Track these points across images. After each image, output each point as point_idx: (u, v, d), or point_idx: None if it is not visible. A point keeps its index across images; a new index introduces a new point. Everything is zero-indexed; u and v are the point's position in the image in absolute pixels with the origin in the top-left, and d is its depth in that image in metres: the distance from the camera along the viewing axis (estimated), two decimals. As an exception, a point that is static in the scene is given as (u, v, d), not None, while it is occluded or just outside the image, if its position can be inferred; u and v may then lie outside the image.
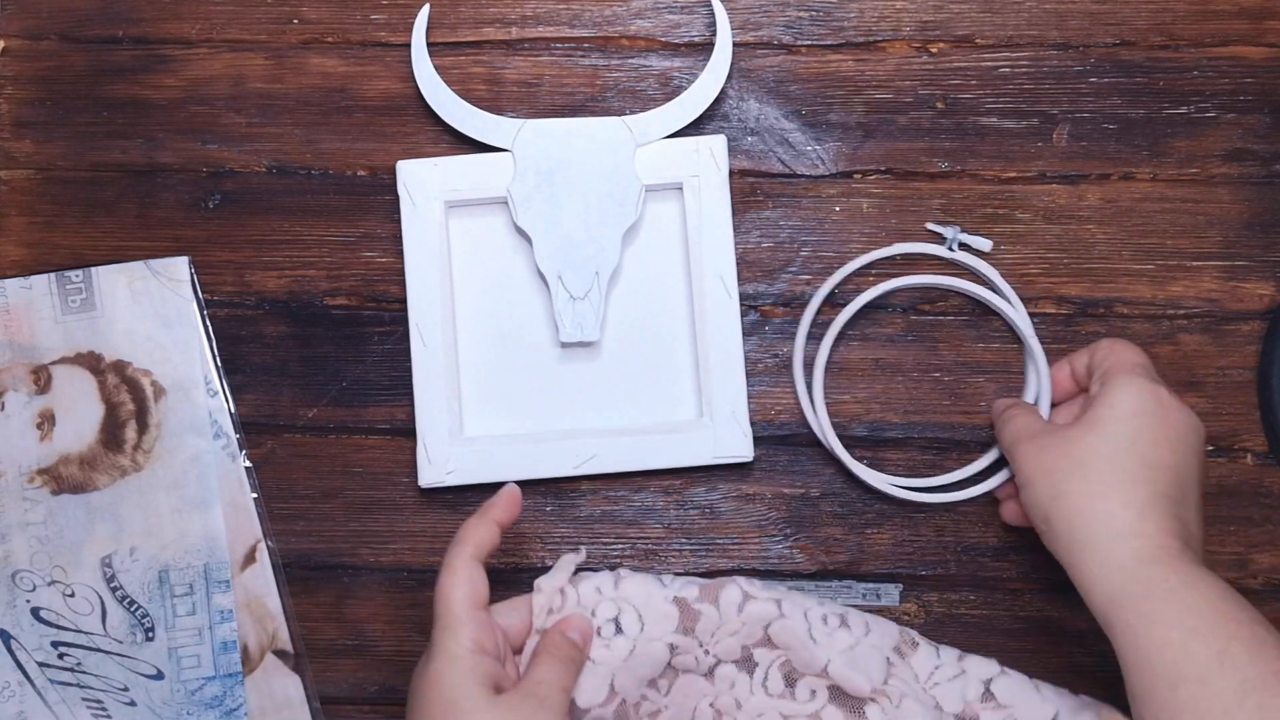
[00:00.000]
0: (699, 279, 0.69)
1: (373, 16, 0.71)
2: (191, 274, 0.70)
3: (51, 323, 0.69)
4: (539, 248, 0.68)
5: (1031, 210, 0.70)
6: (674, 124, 0.69)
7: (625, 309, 0.70)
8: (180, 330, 0.69)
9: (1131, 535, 0.57)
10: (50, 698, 0.68)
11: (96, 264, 0.70)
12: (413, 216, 0.69)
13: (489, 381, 0.69)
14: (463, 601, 0.58)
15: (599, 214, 0.68)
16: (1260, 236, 0.70)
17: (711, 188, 0.69)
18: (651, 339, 0.70)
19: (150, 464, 0.69)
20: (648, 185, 0.69)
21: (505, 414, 0.69)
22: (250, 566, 0.69)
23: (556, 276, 0.68)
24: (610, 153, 0.69)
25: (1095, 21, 0.71)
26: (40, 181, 0.71)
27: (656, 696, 0.64)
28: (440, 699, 0.56)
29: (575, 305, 0.68)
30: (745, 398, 0.68)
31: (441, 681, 0.56)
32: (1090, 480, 0.59)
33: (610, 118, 0.69)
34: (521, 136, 0.69)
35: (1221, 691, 0.53)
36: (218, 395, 0.69)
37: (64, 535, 0.69)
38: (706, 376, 0.68)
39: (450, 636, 0.57)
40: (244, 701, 0.68)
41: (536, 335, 0.70)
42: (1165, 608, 0.55)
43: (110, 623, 0.68)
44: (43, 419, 0.69)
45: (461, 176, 0.69)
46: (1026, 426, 0.64)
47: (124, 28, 0.71)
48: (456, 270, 0.70)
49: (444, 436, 0.68)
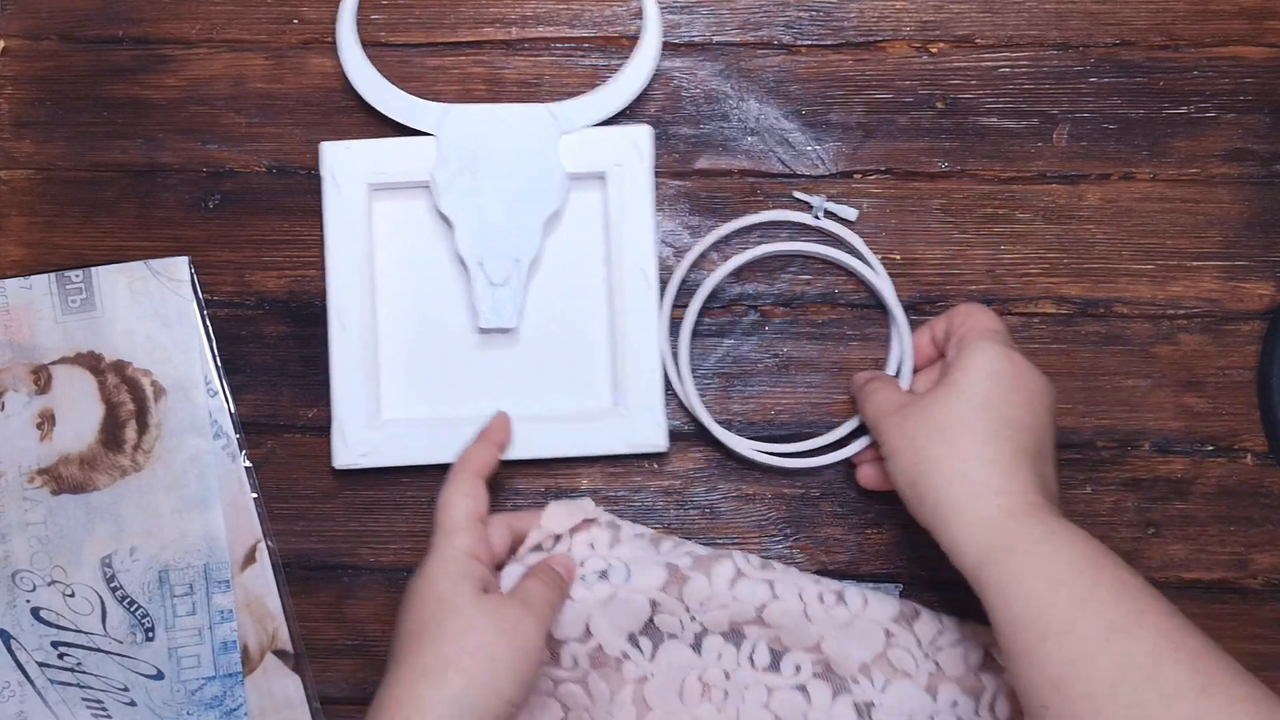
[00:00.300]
0: (619, 269, 0.68)
1: (373, 16, 0.71)
2: (191, 274, 0.70)
3: (51, 323, 0.69)
4: (460, 233, 0.68)
5: (1031, 210, 0.70)
6: (599, 113, 0.69)
7: (545, 297, 0.70)
8: (180, 330, 0.69)
9: (996, 492, 0.58)
10: (50, 698, 0.68)
11: (96, 264, 0.70)
12: (335, 199, 0.69)
13: (408, 365, 0.70)
14: (462, 512, 0.61)
15: (521, 201, 0.68)
16: (1260, 236, 0.70)
17: (634, 178, 0.69)
18: (570, 327, 0.70)
19: (150, 464, 0.69)
20: (571, 173, 0.69)
21: (423, 398, 0.70)
22: (250, 566, 0.69)
23: (477, 262, 0.68)
24: (534, 140, 0.68)
25: (1095, 21, 0.71)
26: (40, 181, 0.71)
27: (641, 660, 0.65)
28: (432, 596, 0.59)
29: (495, 292, 0.68)
30: (661, 388, 0.68)
31: (435, 581, 0.59)
32: (952, 443, 0.59)
33: (535, 104, 0.69)
34: (446, 121, 0.68)
35: (1086, 637, 0.53)
36: (218, 395, 0.69)
37: (64, 535, 0.69)
38: (623, 366, 0.68)
39: (446, 541, 0.60)
40: (244, 701, 0.68)
41: (456, 321, 0.70)
42: (1030, 561, 0.55)
43: (110, 623, 0.68)
44: (43, 419, 0.69)
45: (385, 159, 0.69)
46: (888, 399, 0.64)
47: (124, 28, 0.71)
48: (378, 254, 0.69)
49: (360, 419, 0.68)
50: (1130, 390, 0.70)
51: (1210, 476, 0.70)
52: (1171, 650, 0.52)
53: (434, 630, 0.58)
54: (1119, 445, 0.70)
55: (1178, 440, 0.70)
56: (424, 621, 0.58)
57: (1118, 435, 0.70)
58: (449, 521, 0.61)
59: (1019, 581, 0.55)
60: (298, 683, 0.69)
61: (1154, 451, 0.70)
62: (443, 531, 0.61)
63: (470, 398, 0.69)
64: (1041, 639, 0.54)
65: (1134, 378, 0.70)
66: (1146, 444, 0.70)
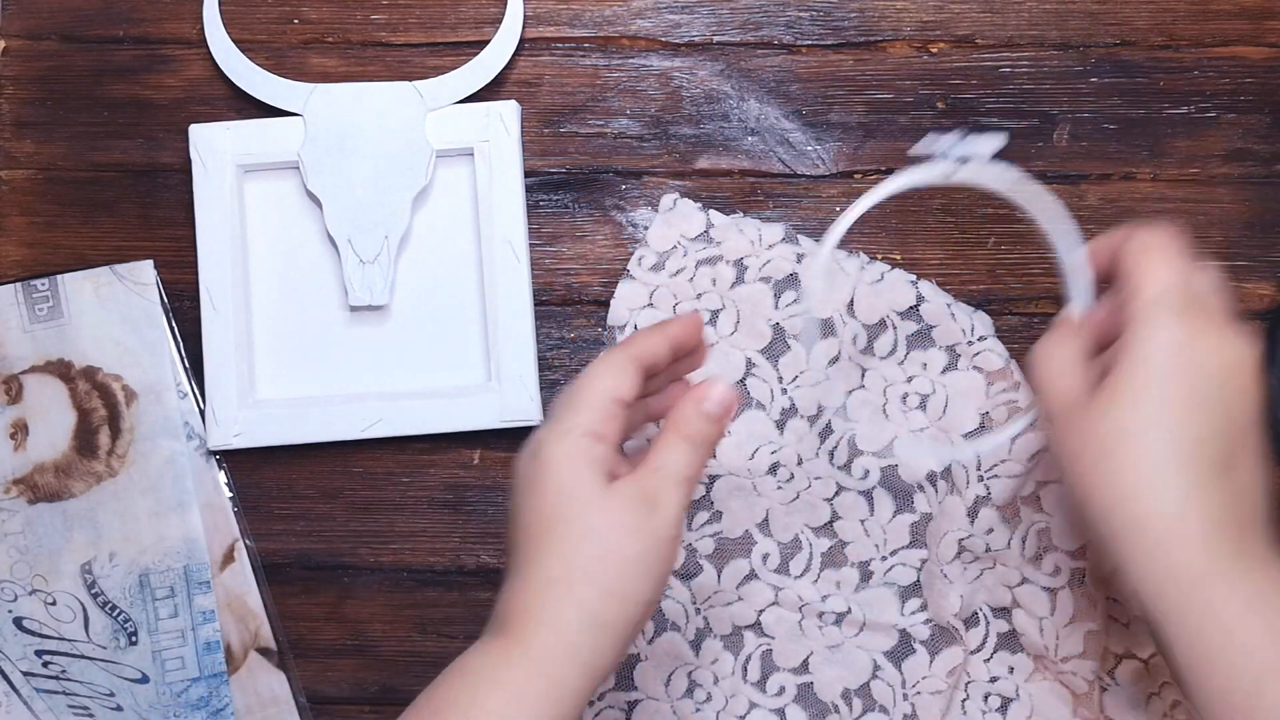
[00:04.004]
0: (489, 244, 0.69)
1: (373, 17, 0.71)
2: (156, 277, 0.70)
3: (20, 332, 0.69)
4: (329, 211, 0.68)
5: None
6: (465, 89, 0.69)
7: (416, 273, 0.70)
8: (148, 334, 0.69)
9: (1173, 542, 0.49)
10: (37, 706, 0.68)
11: (97, 264, 0.70)
12: (204, 180, 0.69)
13: (281, 345, 0.70)
14: (600, 389, 0.52)
15: (388, 178, 0.68)
16: (1260, 236, 0.70)
17: (502, 153, 0.69)
18: (442, 303, 0.70)
19: (125, 469, 0.69)
20: (439, 150, 0.69)
21: (297, 377, 0.70)
22: (229, 566, 0.69)
23: (346, 240, 0.68)
24: (400, 117, 0.69)
25: (1095, 21, 0.71)
26: (41, 181, 0.71)
27: (640, 641, 0.65)
28: (552, 487, 0.51)
29: (365, 269, 0.68)
30: (534, 361, 0.68)
31: (555, 467, 0.51)
32: (1115, 475, 0.50)
33: (400, 82, 0.69)
34: (312, 101, 0.69)
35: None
36: (188, 397, 0.69)
37: (42, 544, 0.68)
38: (495, 340, 0.68)
39: (572, 417, 0.52)
40: (230, 701, 0.68)
41: (328, 299, 0.70)
42: (1229, 607, 0.48)
43: (93, 629, 0.68)
44: (15, 429, 0.69)
45: (254, 140, 0.69)
46: (1059, 398, 0.53)
47: (124, 28, 0.71)
48: (250, 234, 0.70)
49: (232, 399, 0.68)
50: (1130, 390, 0.70)
51: (1211, 476, 0.69)
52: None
53: (561, 530, 0.51)
54: (1119, 445, 0.70)
55: (1178, 440, 0.70)
56: (547, 518, 0.51)
57: (1118, 435, 0.70)
58: (580, 396, 0.52)
59: (1226, 635, 0.48)
60: (283, 679, 0.69)
61: (1154, 451, 0.70)
62: (570, 405, 0.52)
63: (343, 375, 0.69)
64: (1258, 684, 0.47)
65: (1134, 378, 0.70)
66: (1147, 444, 0.70)
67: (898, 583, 0.66)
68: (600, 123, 0.71)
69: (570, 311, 0.70)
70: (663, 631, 0.66)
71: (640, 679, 0.66)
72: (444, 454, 0.70)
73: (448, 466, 0.70)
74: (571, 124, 0.71)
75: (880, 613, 0.66)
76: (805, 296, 0.66)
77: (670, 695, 0.66)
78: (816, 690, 0.66)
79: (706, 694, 0.66)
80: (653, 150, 0.71)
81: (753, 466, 0.66)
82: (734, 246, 0.68)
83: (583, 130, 0.71)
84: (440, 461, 0.70)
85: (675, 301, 0.68)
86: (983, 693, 0.66)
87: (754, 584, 0.66)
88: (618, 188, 0.71)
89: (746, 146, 0.71)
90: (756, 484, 0.66)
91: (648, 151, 0.71)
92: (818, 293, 0.65)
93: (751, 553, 0.67)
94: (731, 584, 0.66)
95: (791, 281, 0.67)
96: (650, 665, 0.66)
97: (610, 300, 0.69)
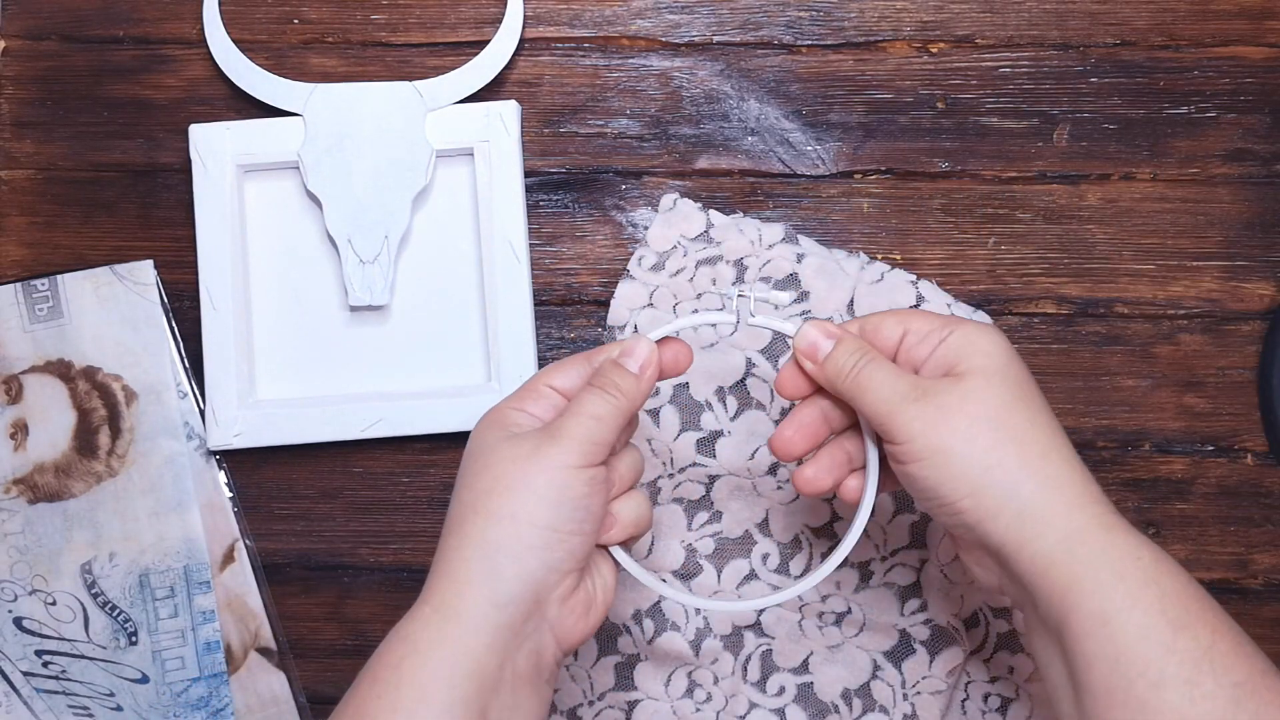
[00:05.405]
0: (489, 244, 0.69)
1: (373, 17, 0.71)
2: (156, 277, 0.70)
3: (19, 332, 0.69)
4: (329, 211, 0.69)
5: (1031, 210, 0.70)
6: (465, 89, 0.69)
7: (416, 273, 0.70)
8: (148, 334, 0.69)
9: (1089, 500, 0.50)
10: (37, 706, 0.68)
11: (97, 264, 0.70)
12: (204, 180, 0.69)
13: (281, 345, 0.70)
14: (538, 376, 0.56)
15: (388, 178, 0.69)
16: (1260, 236, 0.70)
17: (502, 153, 0.69)
18: (442, 303, 0.70)
19: (125, 469, 0.69)
20: (438, 150, 0.69)
21: (297, 377, 0.70)
22: (229, 566, 0.69)
23: (346, 240, 0.68)
24: (400, 117, 0.69)
25: (1095, 21, 0.71)
26: (41, 181, 0.71)
27: (640, 639, 0.65)
28: (464, 455, 0.54)
29: (365, 269, 0.68)
30: (535, 361, 0.68)
31: (471, 440, 0.55)
32: (1025, 441, 0.51)
33: (400, 82, 0.69)
34: (312, 101, 0.69)
35: (1213, 694, 0.48)
36: (187, 397, 0.69)
37: (43, 544, 0.68)
38: (495, 341, 0.68)
39: (503, 401, 0.56)
40: (230, 701, 0.68)
41: (328, 299, 0.70)
42: (1144, 592, 0.49)
43: (93, 629, 0.68)
44: (15, 429, 0.69)
45: (254, 140, 0.69)
46: (895, 385, 0.53)
47: (124, 28, 0.71)
48: (250, 234, 0.70)
49: (232, 399, 0.68)
50: (1130, 390, 0.70)
51: (1210, 476, 0.70)
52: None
53: (466, 480, 0.54)
54: (1119, 445, 0.70)
55: (1178, 440, 0.70)
56: (460, 476, 0.54)
57: (1118, 435, 0.70)
58: (523, 386, 0.56)
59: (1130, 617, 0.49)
60: (283, 679, 0.69)
61: (1154, 451, 0.70)
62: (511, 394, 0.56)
63: (343, 376, 0.70)
64: (1155, 687, 0.48)
65: (1134, 378, 0.70)
66: (1147, 444, 0.70)
67: (898, 583, 0.66)
68: (600, 123, 0.71)
69: (570, 311, 0.71)
70: (663, 631, 0.66)
71: (640, 679, 0.66)
72: (444, 454, 0.70)
73: (448, 466, 0.70)
74: (571, 124, 0.71)
75: (880, 613, 0.66)
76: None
77: (670, 695, 0.66)
78: (816, 690, 0.66)
79: (706, 694, 0.66)
80: (653, 150, 0.71)
81: (752, 466, 0.66)
82: (734, 246, 0.68)
83: (583, 130, 0.71)
84: (440, 461, 0.70)
85: (675, 301, 0.68)
86: (983, 693, 0.66)
87: (754, 584, 0.66)
88: (618, 188, 0.71)
89: (746, 146, 0.71)
90: (756, 484, 0.66)
91: (648, 151, 0.71)
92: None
93: (751, 553, 0.67)
94: (731, 584, 0.66)
95: (792, 281, 0.68)
96: (650, 665, 0.66)
97: (610, 300, 0.69)
